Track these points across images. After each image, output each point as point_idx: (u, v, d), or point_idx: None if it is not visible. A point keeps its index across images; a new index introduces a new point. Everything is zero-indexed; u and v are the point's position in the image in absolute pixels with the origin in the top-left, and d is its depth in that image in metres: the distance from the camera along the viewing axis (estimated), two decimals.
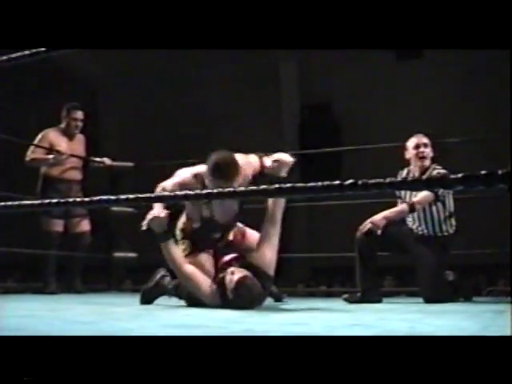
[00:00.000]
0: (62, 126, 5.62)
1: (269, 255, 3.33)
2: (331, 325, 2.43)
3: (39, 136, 5.53)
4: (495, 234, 5.98)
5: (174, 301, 3.73)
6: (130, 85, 10.53)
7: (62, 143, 5.54)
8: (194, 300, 3.42)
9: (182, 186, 3.39)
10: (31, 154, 5.50)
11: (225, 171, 3.24)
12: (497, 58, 7.45)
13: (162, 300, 3.88)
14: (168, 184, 3.48)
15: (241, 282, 3.13)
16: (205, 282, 3.34)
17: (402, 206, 4.18)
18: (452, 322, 2.65)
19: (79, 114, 5.63)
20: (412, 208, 4.11)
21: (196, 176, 3.50)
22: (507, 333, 2.06)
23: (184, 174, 3.59)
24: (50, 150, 5.45)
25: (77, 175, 5.66)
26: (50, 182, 5.47)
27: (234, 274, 3.17)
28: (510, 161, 1.28)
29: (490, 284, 7.00)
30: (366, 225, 4.12)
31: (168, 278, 3.80)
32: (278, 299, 4.06)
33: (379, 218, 4.11)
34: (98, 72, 10.65)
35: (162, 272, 3.86)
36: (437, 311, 3.38)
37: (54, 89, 10.04)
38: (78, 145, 5.70)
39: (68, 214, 5.49)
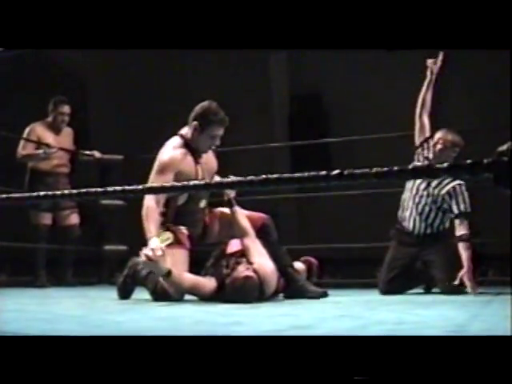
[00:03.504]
0: (49, 119, 5.58)
1: (268, 264, 3.25)
2: (320, 316, 2.43)
3: (27, 130, 5.48)
4: (487, 224, 6.00)
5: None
6: (120, 77, 10.48)
7: (49, 137, 5.50)
8: (161, 296, 3.29)
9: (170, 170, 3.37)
10: (22, 150, 5.46)
11: (220, 114, 3.28)
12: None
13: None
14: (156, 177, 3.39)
15: (242, 281, 3.10)
16: (207, 283, 3.27)
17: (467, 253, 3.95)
18: (440, 311, 2.66)
19: (66, 108, 5.59)
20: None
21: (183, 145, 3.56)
22: (494, 322, 2.07)
23: (168, 153, 3.60)
24: (39, 144, 5.42)
25: (64, 169, 5.63)
26: (37, 176, 5.44)
27: (237, 271, 3.15)
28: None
29: (481, 274, 7.02)
30: None
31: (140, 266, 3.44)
32: None
33: None
34: (87, 64, 10.59)
35: (134, 260, 3.54)
36: (426, 302, 3.39)
37: (43, 81, 9.97)
38: (66, 138, 5.66)
39: (56, 207, 5.47)
